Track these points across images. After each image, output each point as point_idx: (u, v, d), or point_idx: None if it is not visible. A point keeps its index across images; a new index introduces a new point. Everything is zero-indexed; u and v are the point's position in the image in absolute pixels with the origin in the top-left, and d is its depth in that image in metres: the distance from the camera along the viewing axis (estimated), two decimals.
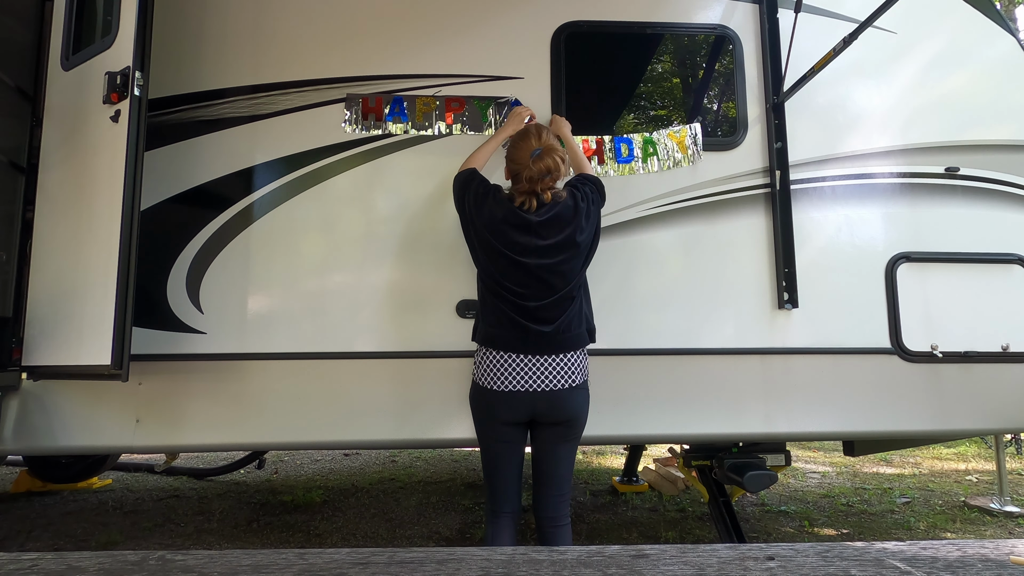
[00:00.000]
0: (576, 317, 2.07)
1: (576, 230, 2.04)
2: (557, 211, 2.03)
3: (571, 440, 2.09)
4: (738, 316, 2.57)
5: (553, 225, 2.02)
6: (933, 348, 2.58)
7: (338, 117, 2.58)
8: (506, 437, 2.05)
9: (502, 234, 2.02)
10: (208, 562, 0.92)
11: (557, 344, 2.02)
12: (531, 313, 2.01)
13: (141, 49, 2.13)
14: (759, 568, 0.90)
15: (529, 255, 2.00)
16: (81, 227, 2.22)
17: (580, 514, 3.76)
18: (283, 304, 2.48)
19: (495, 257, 2.05)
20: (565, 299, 2.04)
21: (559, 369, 2.01)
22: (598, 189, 2.20)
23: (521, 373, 1.99)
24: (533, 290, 2.01)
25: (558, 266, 2.02)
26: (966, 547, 1.00)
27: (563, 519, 2.07)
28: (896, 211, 2.68)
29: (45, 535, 3.35)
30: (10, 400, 2.39)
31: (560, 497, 2.07)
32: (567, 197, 2.08)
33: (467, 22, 2.67)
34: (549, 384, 1.99)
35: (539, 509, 2.09)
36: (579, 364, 2.05)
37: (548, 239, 2.01)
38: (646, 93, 2.98)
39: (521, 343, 2.01)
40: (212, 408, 2.42)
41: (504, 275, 2.04)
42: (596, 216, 2.14)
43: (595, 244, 2.15)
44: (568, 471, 2.11)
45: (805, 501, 4.15)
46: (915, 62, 2.79)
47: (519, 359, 2.00)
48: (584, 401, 2.08)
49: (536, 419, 2.04)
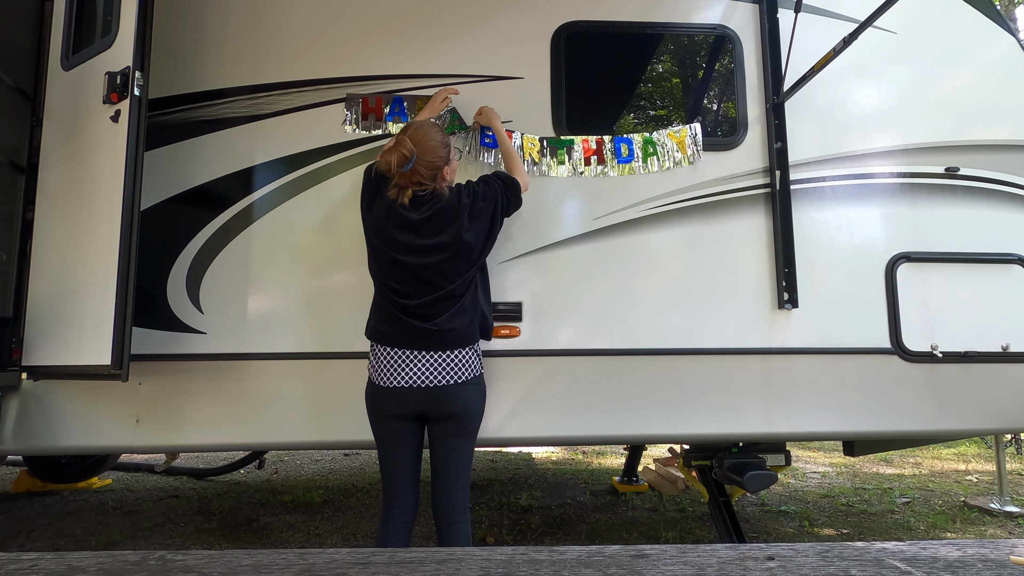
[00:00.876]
0: (462, 315, 2.04)
1: (460, 229, 2.01)
2: (438, 208, 2.01)
3: (462, 435, 2.04)
4: (738, 316, 2.57)
5: (434, 223, 2.00)
6: (933, 348, 2.58)
7: (338, 117, 2.58)
8: (395, 431, 2.03)
9: (384, 232, 2.02)
10: (208, 562, 0.92)
11: (439, 342, 1.99)
12: (411, 311, 2.01)
13: (141, 49, 2.13)
14: (759, 568, 0.90)
15: (408, 253, 1.99)
16: (81, 227, 2.22)
17: (580, 514, 3.76)
18: (283, 304, 2.48)
19: (378, 255, 2.06)
20: (447, 297, 2.02)
21: (443, 365, 1.99)
22: (507, 187, 2.16)
23: (405, 369, 1.98)
24: (412, 288, 2.01)
25: (438, 265, 2.00)
26: (966, 547, 1.00)
27: (457, 516, 2.02)
28: (896, 211, 2.68)
29: (45, 535, 3.35)
30: (10, 400, 2.39)
31: (453, 493, 2.02)
32: (451, 195, 2.05)
33: (467, 22, 2.67)
34: (433, 380, 1.97)
35: (434, 505, 2.05)
36: (466, 361, 2.02)
37: (429, 238, 2.00)
38: (646, 93, 2.98)
39: (404, 339, 2.00)
40: (212, 408, 2.42)
41: (385, 273, 2.04)
42: (489, 214, 2.09)
43: (490, 241, 2.13)
44: (462, 467, 2.06)
45: (805, 501, 4.15)
46: (915, 62, 2.79)
47: (403, 354, 1.99)
48: (474, 396, 2.04)
49: (425, 414, 2.02)
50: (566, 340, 2.52)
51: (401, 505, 2.04)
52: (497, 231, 2.16)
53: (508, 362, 2.49)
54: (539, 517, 3.68)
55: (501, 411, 2.47)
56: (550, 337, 2.52)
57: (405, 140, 1.98)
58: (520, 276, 2.54)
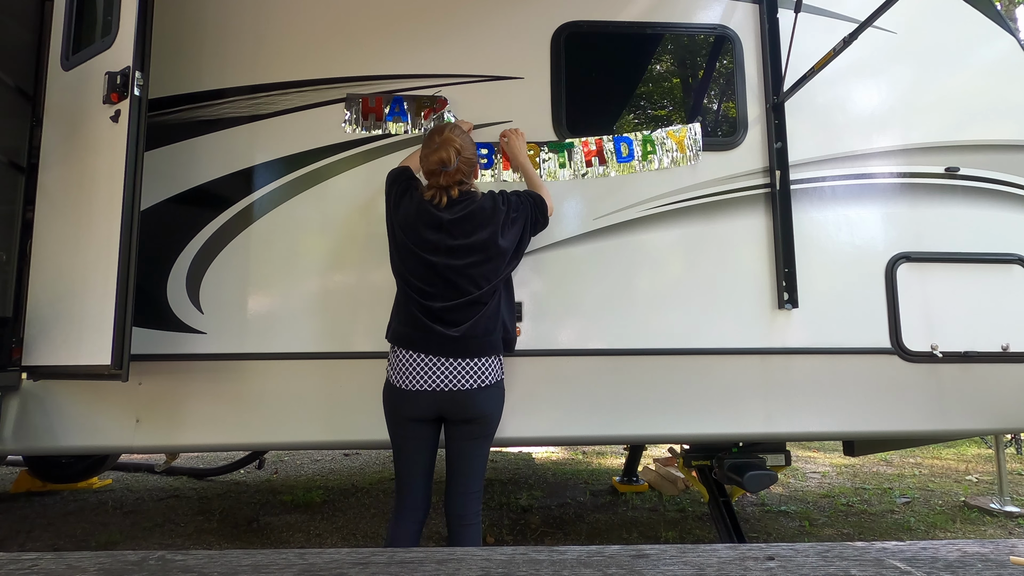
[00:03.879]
0: (486, 323, 2.03)
1: (495, 233, 2.01)
2: (471, 210, 2.01)
3: (480, 438, 2.04)
4: (738, 316, 2.57)
5: (465, 224, 2.00)
6: (933, 348, 2.58)
7: (338, 117, 2.58)
8: (413, 434, 2.02)
9: (414, 231, 2.01)
10: (208, 562, 0.92)
11: (462, 349, 1.98)
12: (436, 315, 1.99)
13: (141, 49, 2.13)
14: (759, 568, 0.90)
15: (437, 254, 1.98)
16: (81, 227, 2.22)
17: (580, 514, 3.76)
18: (283, 304, 2.48)
19: (406, 255, 2.04)
20: (474, 303, 2.01)
21: (465, 371, 1.98)
22: (536, 205, 2.17)
23: (426, 373, 1.97)
24: (439, 290, 1.99)
25: (467, 268, 1.99)
26: (966, 547, 1.00)
27: (470, 518, 2.01)
28: (896, 211, 2.68)
29: (45, 535, 3.35)
30: (10, 400, 2.39)
31: (467, 495, 2.02)
32: (484, 198, 2.06)
33: (467, 22, 2.67)
34: (454, 384, 1.96)
35: (447, 506, 2.04)
36: (488, 367, 2.02)
37: (459, 239, 1.99)
38: (646, 93, 2.98)
39: (425, 344, 1.98)
40: (212, 408, 2.42)
41: (412, 274, 2.02)
42: (520, 226, 2.10)
43: (518, 255, 2.13)
44: (477, 469, 2.05)
45: (805, 501, 4.15)
46: (915, 62, 2.79)
47: (424, 359, 1.97)
48: (494, 399, 2.04)
49: (444, 417, 2.01)
50: (566, 340, 2.52)
51: (414, 505, 2.04)
52: (525, 245, 2.16)
53: (508, 362, 2.48)
54: (539, 517, 3.68)
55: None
56: (550, 337, 2.52)
57: (452, 138, 2.01)
58: (520, 276, 2.53)
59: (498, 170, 2.58)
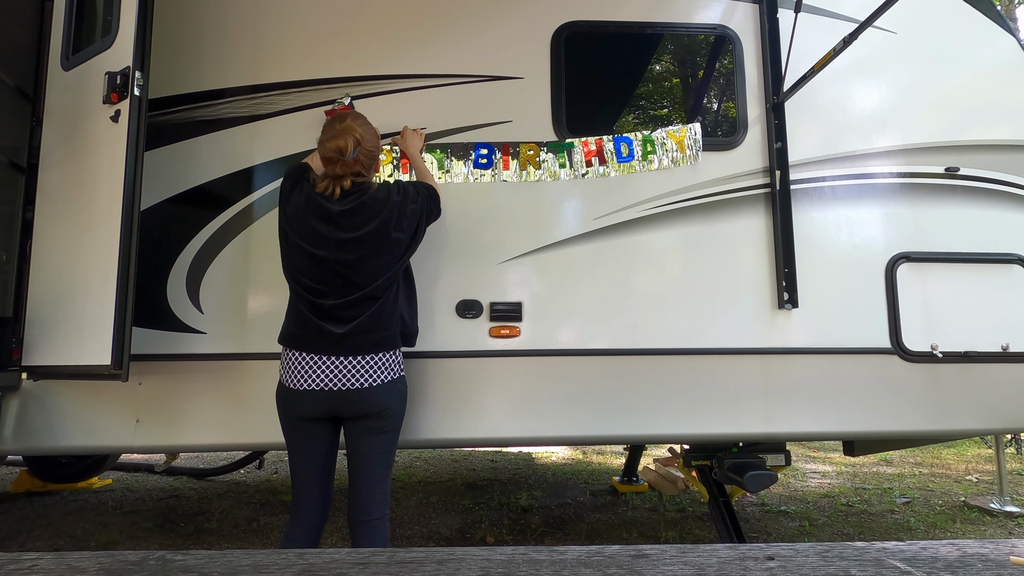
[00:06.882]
0: (380, 319, 1.97)
1: (386, 224, 1.95)
2: (362, 201, 1.95)
3: (380, 433, 1.96)
4: (738, 316, 2.57)
5: (356, 216, 1.93)
6: (933, 348, 2.58)
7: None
8: (306, 434, 1.96)
9: (302, 223, 1.95)
10: (208, 562, 0.92)
11: (352, 347, 1.92)
12: (327, 312, 1.93)
13: (141, 49, 2.13)
14: (759, 568, 0.90)
15: (327, 247, 1.92)
16: (81, 227, 2.22)
17: (580, 514, 3.76)
18: (283, 304, 2.47)
19: (293, 251, 1.98)
20: (367, 299, 1.95)
21: (356, 370, 1.92)
22: (429, 196, 2.13)
23: (315, 372, 1.91)
24: (330, 287, 1.93)
25: (358, 263, 1.93)
26: (966, 547, 1.00)
27: (375, 522, 1.92)
28: (896, 211, 2.68)
29: (45, 535, 3.35)
30: (10, 400, 2.39)
31: (370, 499, 1.93)
32: (378, 188, 2.00)
33: (467, 22, 2.67)
34: (344, 384, 1.90)
35: (348, 508, 1.97)
36: (382, 364, 1.95)
37: (349, 232, 1.93)
38: (646, 93, 2.98)
39: (315, 345, 1.93)
40: (212, 408, 2.42)
41: (302, 271, 1.96)
42: (416, 218, 2.06)
43: (414, 246, 2.07)
44: (377, 469, 1.96)
45: (805, 501, 4.15)
46: (915, 62, 2.79)
47: (313, 359, 1.92)
48: (393, 392, 1.96)
49: (339, 415, 1.96)
50: (566, 340, 2.52)
51: (308, 508, 1.97)
52: (421, 236, 2.11)
53: (508, 362, 2.49)
54: (539, 517, 3.68)
55: (501, 411, 2.47)
56: (550, 337, 2.52)
57: (353, 127, 1.94)
58: (520, 276, 2.53)
59: (498, 170, 2.58)
